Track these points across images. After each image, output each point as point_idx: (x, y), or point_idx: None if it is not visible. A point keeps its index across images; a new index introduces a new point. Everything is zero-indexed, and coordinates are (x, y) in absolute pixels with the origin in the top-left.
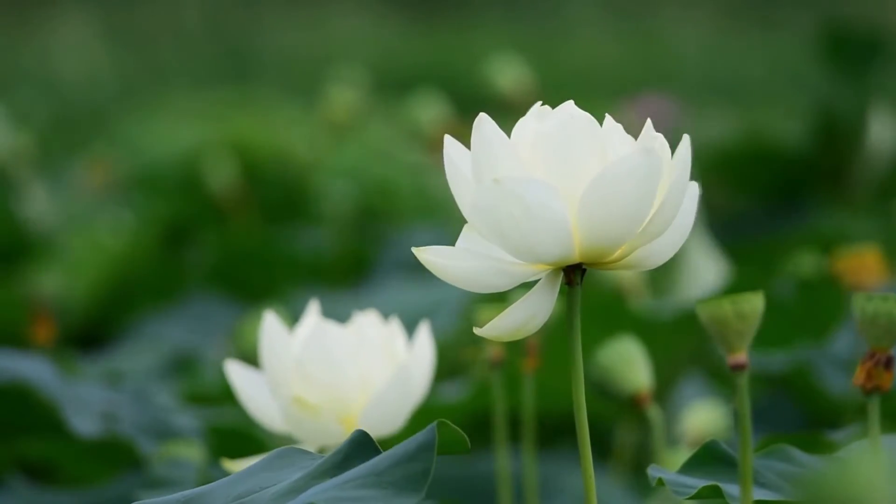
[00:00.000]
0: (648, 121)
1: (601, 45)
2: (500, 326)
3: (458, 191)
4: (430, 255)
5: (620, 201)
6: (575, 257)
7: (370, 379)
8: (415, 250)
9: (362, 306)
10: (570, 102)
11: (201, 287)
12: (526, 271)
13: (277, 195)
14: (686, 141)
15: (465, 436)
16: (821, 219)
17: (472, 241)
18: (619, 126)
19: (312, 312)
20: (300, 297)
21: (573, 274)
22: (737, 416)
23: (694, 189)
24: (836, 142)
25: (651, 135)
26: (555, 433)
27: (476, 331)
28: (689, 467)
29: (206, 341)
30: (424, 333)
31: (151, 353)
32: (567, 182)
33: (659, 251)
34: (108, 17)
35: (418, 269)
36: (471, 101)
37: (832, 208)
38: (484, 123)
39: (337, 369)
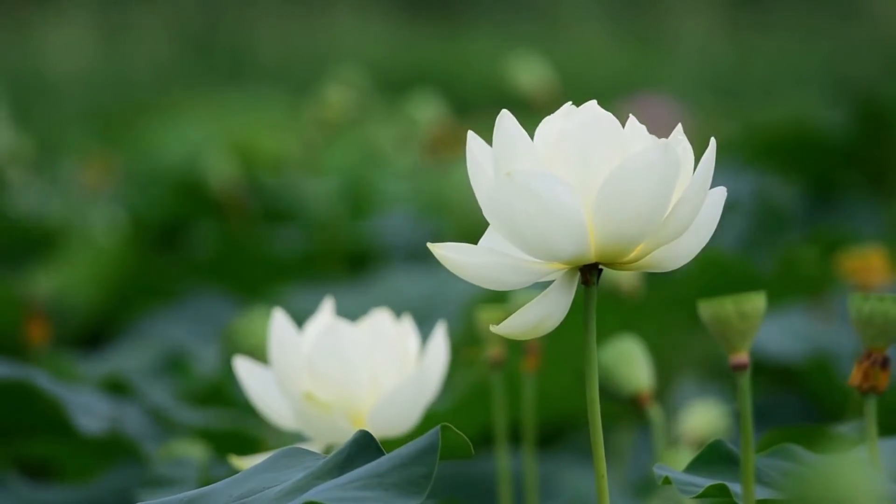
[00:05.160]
0: (679, 125)
1: (600, 46)
2: (515, 325)
3: (478, 186)
4: (445, 251)
5: (636, 197)
6: (591, 256)
7: (381, 377)
8: (430, 246)
9: (356, 301)
10: (594, 102)
11: (200, 286)
12: (542, 269)
13: (274, 195)
14: (712, 145)
15: (469, 441)
16: (860, 215)
17: (494, 241)
18: (643, 127)
19: (325, 310)
20: (295, 294)
21: (589, 273)
22: (739, 415)
23: (720, 195)
24: (878, 134)
25: (677, 136)
26: (555, 433)
27: (491, 329)
28: (695, 466)
29: (205, 340)
30: (440, 335)
31: (148, 352)
32: (586, 180)
33: (678, 253)
34: (107, 18)
35: (413, 264)
36: (468, 102)
37: (876, 202)
38: (505, 119)
39: (348, 367)
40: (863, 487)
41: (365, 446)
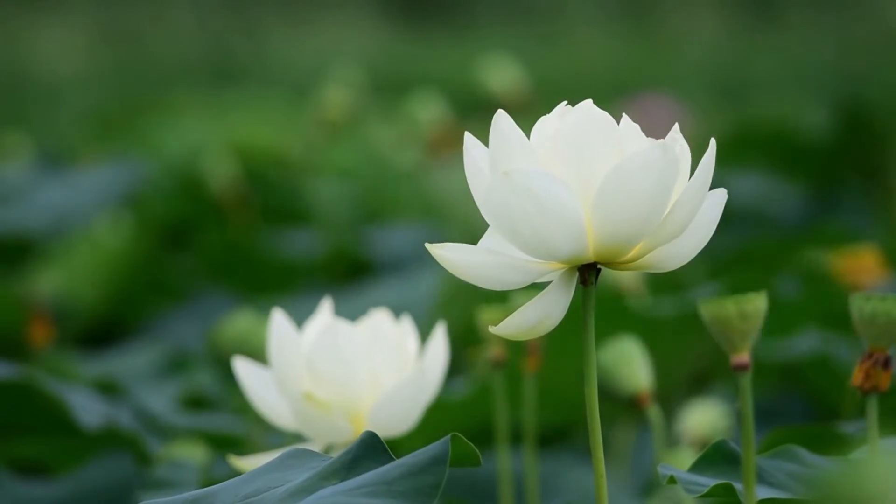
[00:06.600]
0: (676, 124)
1: (601, 47)
2: (513, 325)
3: (475, 186)
4: (444, 251)
5: (635, 196)
6: (589, 255)
7: (381, 377)
8: (429, 246)
9: (351, 305)
10: (589, 102)
11: (201, 287)
12: (540, 269)
13: (276, 196)
14: (712, 146)
15: (477, 451)
16: (849, 215)
17: (494, 242)
18: (637, 126)
19: (324, 310)
20: (296, 297)
21: (588, 273)
22: (740, 415)
23: (720, 196)
24: (865, 135)
25: (674, 135)
26: (556, 433)
27: (490, 329)
28: (699, 466)
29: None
30: (440, 334)
31: (151, 353)
32: (583, 179)
33: (676, 254)
34: (106, 19)
35: (409, 269)
36: (466, 105)
37: (867, 203)
38: (501, 119)
39: (347, 367)
40: (890, 488)
41: (371, 447)
